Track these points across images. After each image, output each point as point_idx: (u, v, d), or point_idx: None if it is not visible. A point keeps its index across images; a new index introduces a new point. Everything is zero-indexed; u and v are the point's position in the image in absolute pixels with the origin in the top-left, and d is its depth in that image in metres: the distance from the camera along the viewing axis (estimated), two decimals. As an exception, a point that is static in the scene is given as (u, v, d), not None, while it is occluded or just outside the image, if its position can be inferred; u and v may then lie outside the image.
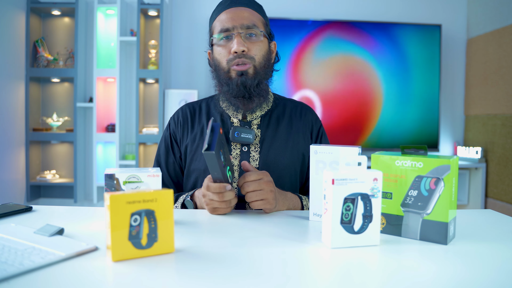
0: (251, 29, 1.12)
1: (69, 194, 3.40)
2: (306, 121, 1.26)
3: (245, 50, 1.11)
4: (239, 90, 1.12)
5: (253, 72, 1.13)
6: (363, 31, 3.34)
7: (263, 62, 1.15)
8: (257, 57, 1.13)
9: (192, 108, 1.26)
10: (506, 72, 3.04)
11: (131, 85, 3.40)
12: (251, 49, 1.12)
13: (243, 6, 1.15)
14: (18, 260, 0.62)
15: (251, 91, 1.13)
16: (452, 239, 0.79)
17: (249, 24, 1.12)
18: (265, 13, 1.21)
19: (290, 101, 1.29)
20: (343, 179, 0.73)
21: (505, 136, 3.05)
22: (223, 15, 1.14)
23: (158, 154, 1.26)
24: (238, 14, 1.13)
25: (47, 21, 3.40)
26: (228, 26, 1.12)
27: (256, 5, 1.19)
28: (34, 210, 1.00)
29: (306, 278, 0.61)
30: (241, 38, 1.11)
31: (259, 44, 1.14)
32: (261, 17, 1.18)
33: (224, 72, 1.14)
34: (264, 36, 1.16)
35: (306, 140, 1.23)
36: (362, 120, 3.37)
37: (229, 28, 1.12)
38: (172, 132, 1.25)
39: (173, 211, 0.76)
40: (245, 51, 1.11)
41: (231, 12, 1.13)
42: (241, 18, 1.12)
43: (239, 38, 1.11)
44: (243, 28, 1.12)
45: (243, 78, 1.12)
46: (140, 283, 0.58)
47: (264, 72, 1.16)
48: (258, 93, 1.14)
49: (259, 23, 1.15)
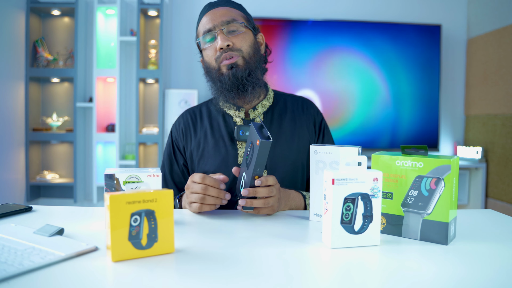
0: (231, 24, 1.14)
1: (69, 194, 3.40)
2: (308, 114, 1.26)
3: (230, 44, 1.13)
4: (231, 83, 1.13)
5: (242, 63, 1.14)
6: (363, 31, 3.34)
7: (251, 52, 1.16)
8: (243, 48, 1.15)
9: (192, 114, 1.27)
10: (506, 72, 3.04)
11: (131, 85, 3.40)
12: (236, 42, 1.14)
13: (221, 6, 1.18)
14: (18, 260, 0.62)
15: (243, 81, 1.14)
16: (452, 239, 0.79)
17: (228, 20, 1.14)
18: (245, 10, 1.23)
19: (290, 96, 1.30)
20: (343, 179, 0.73)
21: (505, 136, 3.05)
22: (204, 19, 1.17)
23: (162, 164, 1.28)
24: (216, 13, 1.16)
25: (47, 21, 3.40)
26: (209, 27, 1.14)
27: (234, 4, 1.21)
28: (34, 210, 1.00)
29: (306, 278, 0.61)
30: (223, 34, 1.13)
31: (243, 36, 1.16)
32: (241, 12, 1.20)
33: (215, 70, 1.16)
34: (247, 28, 1.17)
35: (311, 133, 1.24)
36: (362, 119, 3.37)
37: (210, 28, 1.14)
38: (175, 140, 1.26)
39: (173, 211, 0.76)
40: (230, 45, 1.13)
41: (210, 14, 1.16)
42: (219, 16, 1.15)
43: (222, 35, 1.13)
44: (223, 24, 1.14)
45: (234, 70, 1.13)
46: (140, 283, 0.58)
47: (255, 61, 1.17)
48: (252, 82, 1.15)
49: (238, 17, 1.17)
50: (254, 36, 1.20)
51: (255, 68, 1.17)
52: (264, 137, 0.87)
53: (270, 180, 0.93)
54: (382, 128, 3.38)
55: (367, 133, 3.38)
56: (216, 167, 1.16)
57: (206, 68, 1.20)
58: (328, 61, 3.34)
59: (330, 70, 3.35)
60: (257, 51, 1.19)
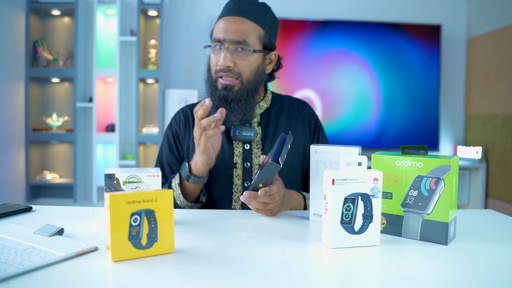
0: (241, 45, 1.11)
1: (69, 194, 3.40)
2: (304, 115, 1.26)
3: (231, 65, 1.11)
4: (220, 102, 1.13)
5: (238, 89, 1.13)
6: (363, 31, 3.34)
7: (252, 78, 1.14)
8: (244, 73, 1.12)
9: (192, 109, 1.26)
10: (506, 72, 3.04)
11: (131, 85, 3.40)
12: (238, 64, 1.12)
13: (243, 16, 1.12)
14: (18, 260, 0.62)
15: (232, 106, 1.13)
16: (452, 239, 0.79)
17: (239, 40, 1.10)
18: (270, 22, 1.17)
19: (287, 98, 1.31)
20: (344, 179, 0.73)
21: (505, 136, 3.05)
22: (221, 22, 1.13)
23: (160, 155, 1.26)
24: (232, 25, 1.11)
25: (47, 21, 3.40)
26: (219, 37, 1.11)
27: (260, 13, 1.14)
28: (34, 210, 1.00)
29: (306, 278, 0.61)
30: (228, 52, 1.10)
31: (248, 60, 1.12)
32: (260, 29, 1.14)
33: (212, 80, 1.16)
34: (256, 52, 1.13)
35: (306, 134, 1.24)
36: (362, 120, 3.37)
37: (220, 39, 1.11)
38: (174, 131, 1.25)
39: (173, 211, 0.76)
40: (230, 67, 1.11)
41: (227, 22, 1.12)
42: (233, 32, 1.10)
43: (227, 53, 1.10)
44: (233, 42, 1.10)
45: (226, 92, 1.12)
46: (140, 283, 0.58)
47: (253, 87, 1.15)
48: (241, 108, 1.14)
49: (252, 38, 1.12)
50: (263, 57, 1.17)
51: (250, 93, 1.15)
52: (276, 159, 0.87)
53: (274, 189, 0.92)
54: (382, 128, 3.38)
55: (367, 133, 3.38)
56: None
57: (207, 68, 1.19)
58: (328, 61, 3.34)
59: (330, 70, 3.35)
60: (258, 75, 1.16)
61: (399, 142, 3.39)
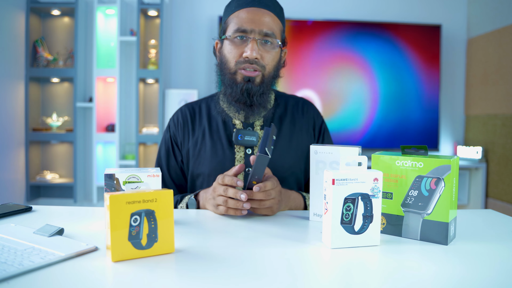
0: (269, 37, 1.08)
1: (69, 194, 3.40)
2: (308, 117, 1.24)
3: (258, 57, 1.07)
4: (242, 96, 1.10)
5: (260, 81, 1.10)
6: (363, 31, 3.34)
7: (273, 72, 1.13)
8: (268, 66, 1.10)
9: (191, 110, 1.23)
10: (506, 72, 3.04)
11: (131, 85, 3.39)
12: (264, 57, 1.09)
13: (266, 8, 1.09)
14: (17, 260, 0.62)
15: (253, 100, 1.10)
16: (452, 239, 0.79)
17: (268, 32, 1.07)
18: (284, 17, 1.17)
19: (291, 98, 1.28)
20: (344, 179, 0.73)
21: (505, 136, 3.05)
22: (244, 13, 1.08)
23: (159, 157, 1.24)
24: (259, 17, 1.07)
25: (47, 21, 3.40)
26: (246, 28, 1.07)
27: (278, 8, 1.14)
28: (34, 210, 1.00)
29: (306, 278, 0.61)
30: (256, 44, 1.06)
31: (273, 54, 1.11)
32: (280, 24, 1.13)
33: (230, 73, 1.11)
34: (279, 46, 1.12)
35: (310, 136, 1.22)
36: (362, 120, 3.37)
37: (246, 30, 1.07)
38: (172, 135, 1.22)
39: (173, 211, 0.76)
40: (258, 58, 1.08)
41: (252, 13, 1.08)
42: (261, 23, 1.07)
43: (255, 44, 1.06)
44: (261, 34, 1.07)
45: (249, 84, 1.09)
46: (140, 283, 0.58)
47: (271, 82, 1.14)
48: (260, 103, 1.12)
49: (277, 31, 1.11)
50: (281, 52, 1.16)
51: (269, 89, 1.14)
52: (263, 150, 0.86)
53: (269, 185, 0.92)
54: (382, 128, 3.38)
55: (367, 133, 3.38)
56: (212, 169, 1.14)
57: (221, 61, 1.14)
58: (328, 61, 3.34)
59: (330, 70, 3.35)
60: (277, 70, 1.15)
61: (399, 142, 3.39)
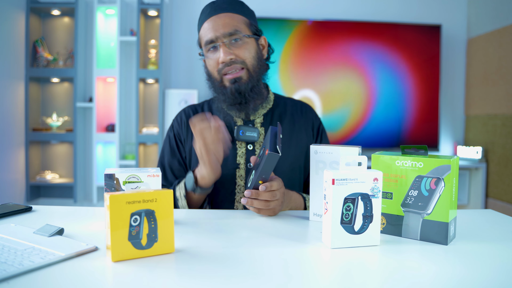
0: (234, 35, 1.11)
1: (69, 194, 3.40)
2: (307, 118, 1.27)
3: (233, 57, 1.11)
4: (234, 97, 1.13)
5: (246, 77, 1.13)
6: (363, 31, 3.34)
7: (255, 63, 1.15)
8: (247, 60, 1.13)
9: (194, 110, 1.27)
10: (506, 72, 3.04)
11: (131, 85, 3.40)
12: (239, 54, 1.12)
13: (223, 11, 1.13)
14: (18, 260, 0.62)
15: (246, 97, 1.13)
16: (452, 239, 0.79)
17: (231, 31, 1.11)
18: (248, 10, 1.19)
19: (290, 100, 1.31)
20: (344, 179, 0.73)
21: (505, 136, 3.05)
22: (206, 25, 1.14)
23: (162, 156, 1.25)
24: (218, 22, 1.11)
25: (47, 21, 3.40)
26: (211, 38, 1.12)
27: (237, 6, 1.16)
28: (34, 210, 1.00)
29: (306, 278, 0.61)
30: (226, 47, 1.11)
31: (246, 47, 1.13)
32: (244, 18, 1.15)
33: (218, 82, 1.15)
34: (250, 37, 1.15)
35: (309, 136, 1.25)
36: (362, 119, 3.37)
37: (212, 39, 1.12)
38: (176, 133, 1.24)
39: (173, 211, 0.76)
40: (233, 58, 1.11)
41: (211, 22, 1.12)
42: (222, 26, 1.11)
43: (224, 47, 1.10)
44: (225, 36, 1.11)
45: (237, 85, 1.12)
46: (140, 283, 0.58)
47: (258, 72, 1.16)
48: (253, 96, 1.15)
49: (241, 26, 1.13)
50: (257, 41, 1.18)
51: (258, 80, 1.16)
52: (274, 148, 0.87)
53: (275, 185, 0.93)
54: (382, 128, 3.38)
55: (367, 133, 3.38)
56: None
57: (207, 75, 1.19)
58: (328, 61, 3.34)
59: (330, 70, 3.35)
60: (260, 59, 1.17)
61: (399, 142, 3.39)
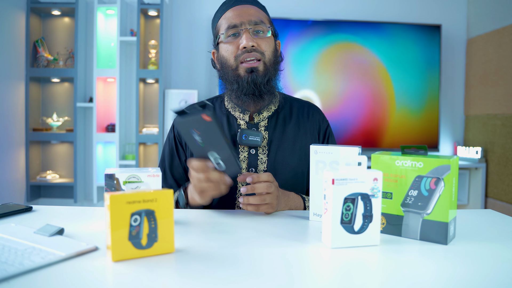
0: (259, 25, 1.12)
1: (69, 194, 3.40)
2: (314, 121, 1.24)
3: (255, 45, 1.10)
4: (249, 87, 1.10)
5: (263, 69, 1.12)
6: (363, 31, 3.34)
7: (272, 58, 1.15)
8: (266, 52, 1.13)
9: None
10: (506, 72, 3.04)
11: (131, 85, 3.40)
12: (261, 45, 1.12)
13: (249, 3, 1.15)
14: (18, 260, 0.62)
15: (261, 89, 1.11)
16: (452, 239, 0.79)
17: (257, 20, 1.12)
18: (268, 14, 1.21)
19: (296, 101, 1.28)
20: (343, 179, 0.73)
21: (505, 136, 3.05)
22: (229, 13, 1.13)
23: (162, 159, 1.24)
24: (245, 11, 1.12)
25: (47, 21, 3.40)
26: (235, 22, 1.11)
27: (261, 5, 1.19)
28: (34, 210, 1.00)
29: (306, 278, 0.61)
30: (249, 33, 1.10)
31: (268, 40, 1.14)
32: (267, 16, 1.18)
33: (232, 69, 1.12)
34: (271, 34, 1.16)
35: (314, 140, 1.22)
36: (361, 119, 3.37)
37: (236, 24, 1.11)
38: (177, 134, 1.22)
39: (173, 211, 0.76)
40: (254, 46, 1.10)
41: (237, 9, 1.13)
42: (248, 15, 1.12)
43: (248, 34, 1.10)
44: (251, 24, 1.11)
45: (253, 75, 1.10)
46: (140, 283, 0.58)
47: (273, 69, 1.15)
48: (268, 90, 1.13)
49: (265, 20, 1.15)
50: (275, 41, 1.19)
51: (273, 76, 1.15)
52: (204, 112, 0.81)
53: (264, 176, 0.93)
54: (382, 128, 3.38)
55: (367, 133, 3.38)
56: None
57: (220, 63, 1.16)
58: (328, 61, 3.34)
59: (330, 70, 3.35)
60: (276, 57, 1.17)
61: (399, 142, 3.39)
